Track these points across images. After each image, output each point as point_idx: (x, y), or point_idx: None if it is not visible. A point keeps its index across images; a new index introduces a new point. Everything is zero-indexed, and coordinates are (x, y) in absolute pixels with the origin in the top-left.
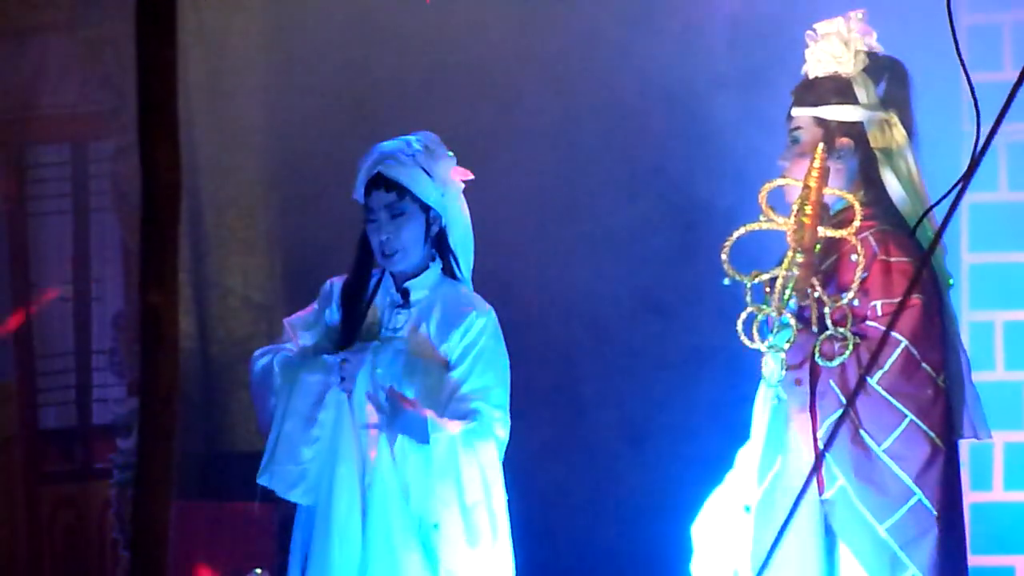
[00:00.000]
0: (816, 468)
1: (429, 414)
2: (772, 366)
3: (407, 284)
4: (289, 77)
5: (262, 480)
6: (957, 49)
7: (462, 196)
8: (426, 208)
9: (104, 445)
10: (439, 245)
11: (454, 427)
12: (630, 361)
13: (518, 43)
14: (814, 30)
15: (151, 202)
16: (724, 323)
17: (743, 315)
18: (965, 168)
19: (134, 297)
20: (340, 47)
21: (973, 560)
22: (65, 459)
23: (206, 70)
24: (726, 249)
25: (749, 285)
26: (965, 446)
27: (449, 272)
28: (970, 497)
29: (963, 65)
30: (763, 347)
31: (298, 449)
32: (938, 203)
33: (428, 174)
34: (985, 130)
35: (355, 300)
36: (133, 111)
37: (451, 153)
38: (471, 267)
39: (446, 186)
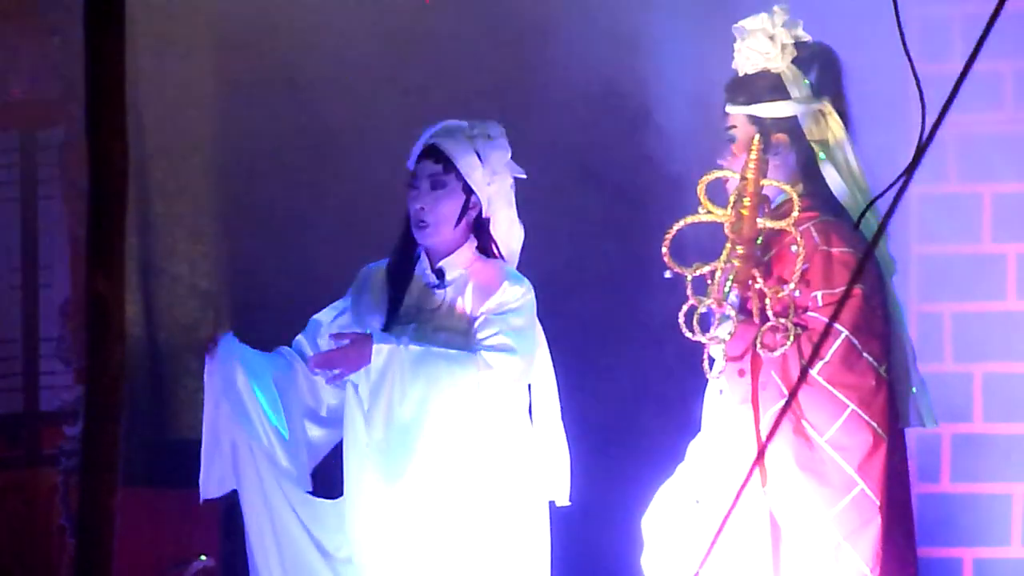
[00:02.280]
0: (758, 459)
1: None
2: (714, 358)
3: (441, 263)
4: (238, 64)
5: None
6: (903, 40)
7: (512, 191)
8: (468, 190)
9: (51, 432)
10: (479, 231)
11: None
12: (579, 343)
13: (466, 36)
14: (741, 27)
15: (98, 191)
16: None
17: (684, 308)
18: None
19: (82, 284)
20: (288, 33)
21: (920, 552)
22: (11, 445)
23: (154, 57)
24: (667, 242)
25: (690, 278)
26: (912, 438)
27: (488, 252)
28: (917, 489)
29: (909, 57)
30: (704, 339)
31: (304, 452)
32: (883, 194)
33: (480, 158)
34: (931, 122)
35: (399, 279)
36: (82, 100)
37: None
38: (515, 257)
39: (495, 175)
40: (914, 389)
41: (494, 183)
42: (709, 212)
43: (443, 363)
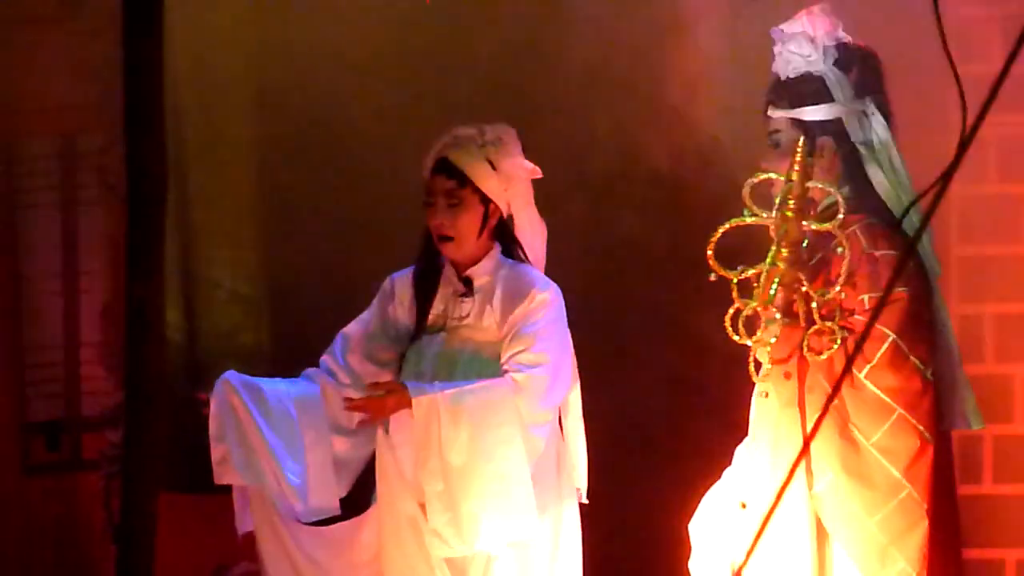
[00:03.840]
0: (799, 460)
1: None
2: (760, 361)
3: (469, 272)
4: (278, 68)
5: (305, 517)
6: (943, 40)
7: (530, 192)
8: (486, 200)
9: (93, 437)
10: (501, 234)
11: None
12: (621, 357)
13: (491, 34)
14: (780, 30)
15: (137, 196)
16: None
17: (730, 311)
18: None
19: (122, 290)
20: (328, 32)
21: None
22: (54, 451)
23: (193, 62)
24: (711, 245)
25: (735, 281)
26: (954, 440)
27: (513, 255)
28: (959, 490)
29: (949, 57)
30: (750, 342)
31: (330, 473)
32: (923, 195)
33: (493, 167)
34: (972, 123)
35: (425, 289)
36: (121, 105)
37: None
38: (542, 259)
39: (510, 181)
40: (954, 395)
41: (510, 188)
42: (754, 215)
43: (480, 399)
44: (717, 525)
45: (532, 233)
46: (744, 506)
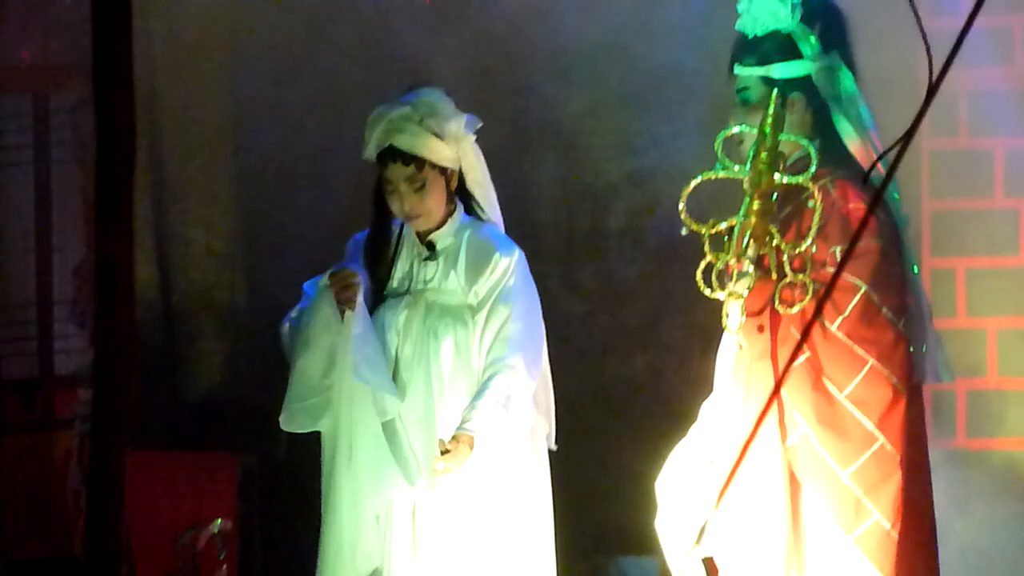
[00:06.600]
0: (768, 405)
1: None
2: (732, 314)
3: (432, 236)
4: (252, 28)
5: (285, 425)
6: None
7: (474, 143)
8: (444, 170)
9: (66, 395)
10: (460, 193)
11: (491, 419)
12: (589, 316)
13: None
14: None
15: (106, 152)
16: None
17: (702, 264)
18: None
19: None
20: None
21: None
22: (26, 409)
23: (168, 21)
24: (683, 199)
25: (707, 234)
26: (927, 394)
27: (472, 212)
28: (933, 444)
29: (914, 9)
30: (722, 295)
31: (316, 381)
32: (890, 149)
33: (439, 136)
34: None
35: (379, 256)
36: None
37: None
38: (495, 203)
39: (458, 142)
40: (925, 348)
41: (460, 148)
42: (726, 168)
43: (515, 401)
44: (684, 482)
45: (486, 185)
46: (712, 463)
